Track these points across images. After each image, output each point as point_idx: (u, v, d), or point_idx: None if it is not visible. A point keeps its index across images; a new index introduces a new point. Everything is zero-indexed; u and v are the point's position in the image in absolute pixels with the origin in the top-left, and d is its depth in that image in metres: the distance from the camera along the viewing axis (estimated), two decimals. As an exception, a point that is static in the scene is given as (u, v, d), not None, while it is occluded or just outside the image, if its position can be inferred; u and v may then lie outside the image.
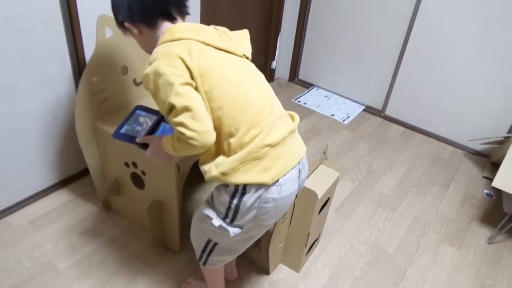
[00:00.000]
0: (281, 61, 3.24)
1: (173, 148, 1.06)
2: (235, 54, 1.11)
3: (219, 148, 1.07)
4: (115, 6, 1.12)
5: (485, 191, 2.32)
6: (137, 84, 1.72)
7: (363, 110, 2.99)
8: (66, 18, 1.62)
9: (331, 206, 2.04)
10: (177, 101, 0.96)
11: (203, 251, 1.26)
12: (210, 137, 1.00)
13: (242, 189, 1.07)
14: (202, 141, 0.98)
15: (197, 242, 1.27)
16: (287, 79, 3.31)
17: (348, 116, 2.88)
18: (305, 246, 1.58)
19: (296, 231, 1.54)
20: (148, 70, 1.01)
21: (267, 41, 3.04)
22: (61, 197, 1.91)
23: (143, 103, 1.75)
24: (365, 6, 2.69)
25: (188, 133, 0.96)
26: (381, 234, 1.94)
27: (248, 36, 1.19)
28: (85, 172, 2.00)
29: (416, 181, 2.33)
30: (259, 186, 1.06)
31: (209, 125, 0.99)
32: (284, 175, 1.08)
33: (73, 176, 1.98)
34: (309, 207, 1.43)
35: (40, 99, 1.69)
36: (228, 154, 1.06)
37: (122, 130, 1.29)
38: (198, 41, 1.05)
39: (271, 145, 1.05)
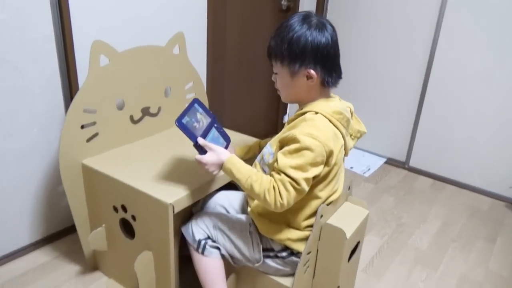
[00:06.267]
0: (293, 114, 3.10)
1: (244, 185, 1.08)
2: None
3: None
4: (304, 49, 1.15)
5: (540, 246, 1.96)
6: (134, 121, 1.56)
7: (385, 162, 2.75)
8: (61, 52, 1.51)
9: (358, 265, 1.72)
10: (302, 182, 1.03)
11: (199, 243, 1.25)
12: (285, 209, 1.06)
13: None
14: (282, 209, 1.05)
15: (198, 236, 1.25)
16: (300, 134, 3.14)
17: (369, 169, 2.64)
18: None
19: (322, 284, 1.23)
20: (301, 138, 1.04)
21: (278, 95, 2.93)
22: (41, 256, 1.64)
23: (140, 143, 1.58)
24: (379, 54, 2.60)
25: (283, 200, 1.03)
26: (423, 297, 1.58)
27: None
28: (74, 228, 1.76)
29: (456, 235, 2.00)
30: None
31: (292, 203, 1.06)
32: None
33: (59, 232, 1.74)
34: (337, 251, 1.14)
35: (27, 140, 1.52)
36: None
37: (184, 121, 1.17)
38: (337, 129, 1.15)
39: None
